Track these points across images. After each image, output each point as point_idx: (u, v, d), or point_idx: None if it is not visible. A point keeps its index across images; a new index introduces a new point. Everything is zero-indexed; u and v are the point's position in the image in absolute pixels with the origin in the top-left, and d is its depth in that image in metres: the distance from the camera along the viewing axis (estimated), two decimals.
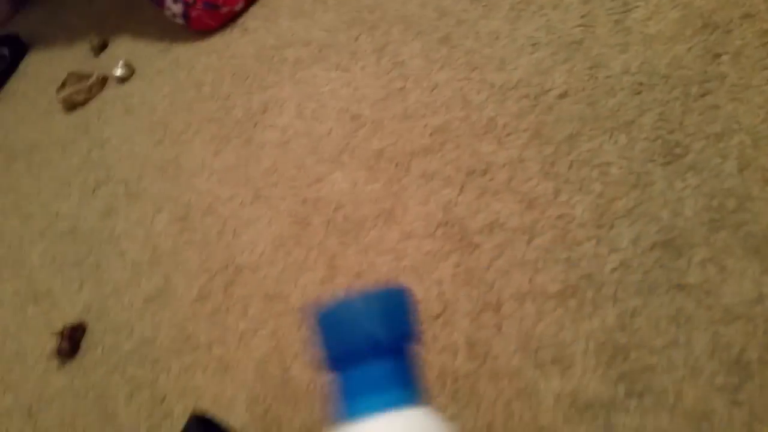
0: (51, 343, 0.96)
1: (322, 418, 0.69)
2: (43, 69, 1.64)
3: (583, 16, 0.91)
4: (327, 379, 0.26)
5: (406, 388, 0.25)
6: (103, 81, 1.42)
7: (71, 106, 1.42)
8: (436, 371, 0.69)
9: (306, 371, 0.77)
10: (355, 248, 0.84)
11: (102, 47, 1.53)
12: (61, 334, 0.93)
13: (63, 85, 1.46)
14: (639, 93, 0.79)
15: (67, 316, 0.98)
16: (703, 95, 0.75)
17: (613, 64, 0.84)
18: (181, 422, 0.75)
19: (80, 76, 1.45)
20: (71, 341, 0.93)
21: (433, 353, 0.70)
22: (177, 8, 1.30)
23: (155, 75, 1.35)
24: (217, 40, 1.31)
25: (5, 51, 1.69)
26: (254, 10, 1.32)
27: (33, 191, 1.28)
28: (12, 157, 1.42)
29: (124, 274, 1.00)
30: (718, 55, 0.77)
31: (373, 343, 0.25)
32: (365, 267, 0.81)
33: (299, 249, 0.88)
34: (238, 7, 1.31)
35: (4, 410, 0.94)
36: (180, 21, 1.32)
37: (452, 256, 0.77)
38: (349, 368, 0.25)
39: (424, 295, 0.75)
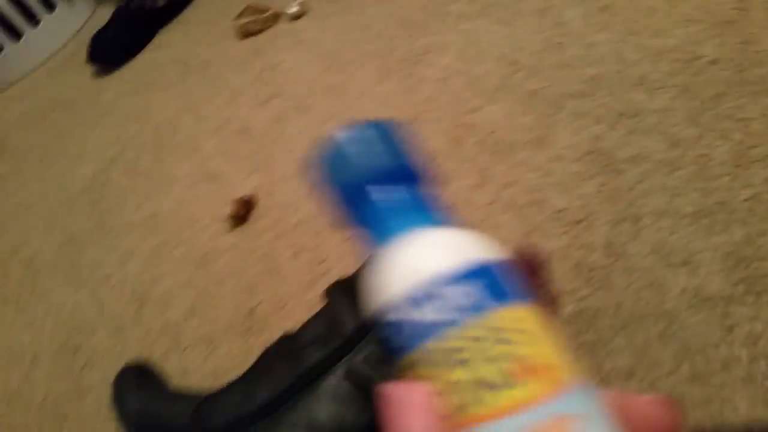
0: (223, 211, 1.10)
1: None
2: (219, 1, 1.81)
3: (739, 1, 0.99)
4: (343, 216, 0.26)
5: (432, 210, 0.24)
6: (277, 16, 1.57)
7: (246, 34, 1.58)
8: (573, 262, 0.79)
9: None
10: (506, 164, 0.95)
11: None
12: (235, 202, 1.07)
13: (240, 15, 1.62)
14: None
15: (237, 194, 1.12)
16: None
17: (764, 41, 0.92)
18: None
19: (256, 9, 1.60)
20: (243, 210, 1.06)
21: (572, 249, 0.80)
22: None
23: (326, 17, 1.49)
24: None
25: None
26: None
27: (207, 98, 1.43)
28: (187, 71, 1.58)
29: (292, 167, 1.13)
30: None
31: (391, 170, 0.24)
32: (514, 179, 0.92)
33: (452, 161, 0.99)
34: None
35: (176, 259, 1.08)
36: None
37: (597, 177, 0.86)
38: (370, 198, 0.24)
39: (569, 205, 0.85)
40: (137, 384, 0.74)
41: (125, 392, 0.73)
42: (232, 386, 0.72)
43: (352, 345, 0.68)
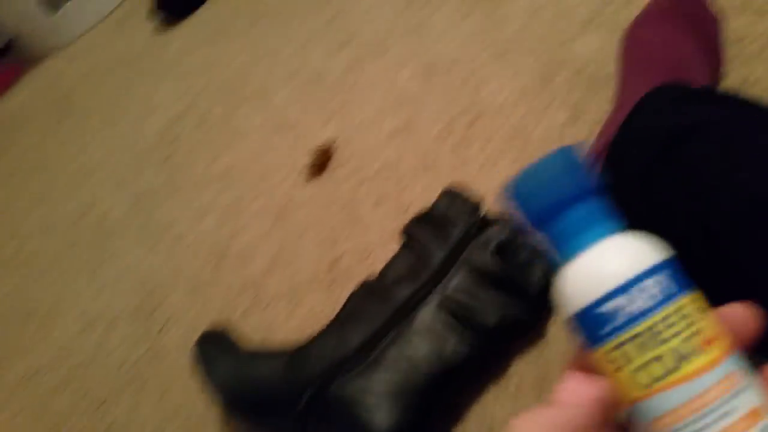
0: (300, 161, 1.12)
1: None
2: None
3: None
4: (537, 237, 0.30)
5: (607, 221, 0.29)
6: None
7: None
8: None
9: None
10: (602, 98, 0.93)
11: None
12: (313, 152, 1.09)
13: None
14: None
15: (314, 144, 1.14)
16: None
17: None
18: None
19: None
20: (321, 159, 1.08)
21: None
22: None
23: None
24: None
25: None
26: None
27: (277, 47, 1.45)
28: (255, 20, 1.60)
29: (369, 114, 1.13)
30: None
31: (567, 192, 0.29)
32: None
33: (542, 98, 0.97)
34: None
35: (254, 213, 1.11)
36: None
37: None
38: (553, 220, 0.29)
39: None
40: (222, 349, 0.77)
41: (212, 359, 0.75)
42: (323, 334, 0.74)
43: (441, 275, 0.70)
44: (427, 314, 0.69)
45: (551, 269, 0.67)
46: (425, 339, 0.67)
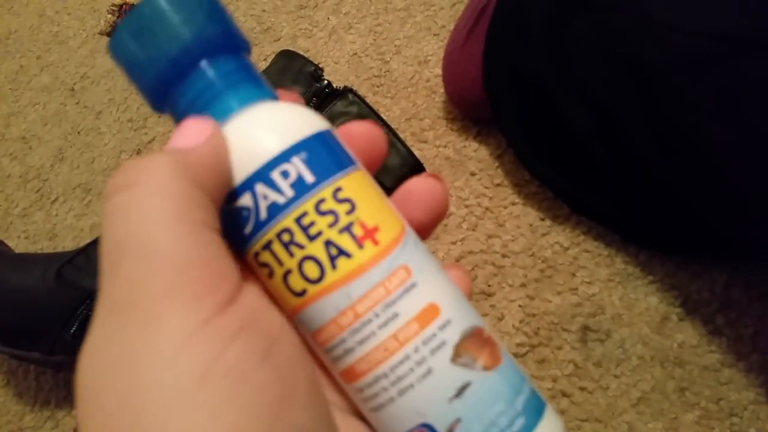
0: (99, 23, 0.95)
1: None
2: None
3: None
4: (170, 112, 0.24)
5: (242, 86, 0.23)
6: None
7: None
8: None
9: (407, 64, 0.77)
10: None
11: None
12: (119, 10, 0.92)
13: None
14: None
15: (111, 2, 0.97)
16: None
17: None
18: None
19: None
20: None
21: None
22: None
23: None
24: None
25: None
26: None
27: None
28: None
29: None
30: None
31: (185, 47, 0.22)
32: None
33: None
34: None
35: (42, 88, 0.93)
36: None
37: None
38: (172, 88, 0.23)
39: None
40: None
41: None
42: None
43: None
44: None
45: (411, 153, 0.59)
46: None
